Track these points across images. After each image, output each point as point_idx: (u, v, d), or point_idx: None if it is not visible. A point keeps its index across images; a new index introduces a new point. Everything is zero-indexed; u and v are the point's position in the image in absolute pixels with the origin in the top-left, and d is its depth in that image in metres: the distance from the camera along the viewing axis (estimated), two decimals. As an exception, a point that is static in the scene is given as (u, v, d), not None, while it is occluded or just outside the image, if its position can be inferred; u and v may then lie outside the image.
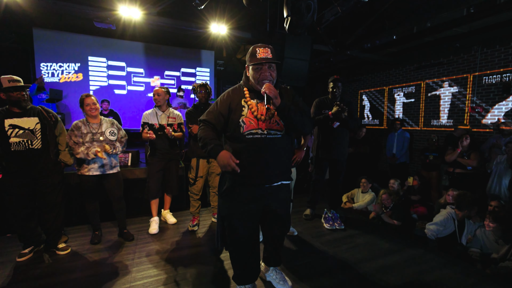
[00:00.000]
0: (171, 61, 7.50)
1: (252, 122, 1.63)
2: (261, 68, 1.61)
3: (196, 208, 3.06)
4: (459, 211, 3.15)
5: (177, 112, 3.16)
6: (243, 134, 1.63)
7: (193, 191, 3.00)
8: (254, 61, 1.60)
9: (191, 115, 2.99)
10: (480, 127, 5.32)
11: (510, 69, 4.85)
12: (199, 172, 2.95)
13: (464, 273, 2.25)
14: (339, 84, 3.06)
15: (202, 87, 3.01)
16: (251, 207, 1.70)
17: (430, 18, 4.32)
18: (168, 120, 3.03)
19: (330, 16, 3.82)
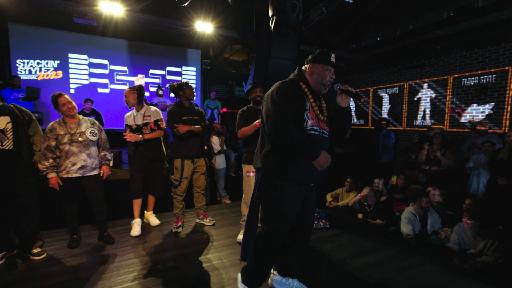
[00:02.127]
0: (156, 60, 7.36)
1: (314, 119, 1.63)
2: (331, 71, 1.67)
3: (180, 210, 2.99)
4: (414, 205, 3.28)
5: (154, 108, 2.99)
6: (306, 128, 1.60)
7: (177, 192, 2.93)
8: (328, 61, 1.66)
9: (174, 114, 2.85)
10: (459, 127, 5.51)
11: (487, 71, 5.04)
12: (184, 173, 2.87)
13: (443, 268, 2.30)
14: None
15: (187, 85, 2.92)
16: (296, 207, 1.70)
17: (413, 21, 4.44)
18: (143, 119, 2.91)
19: (315, 17, 3.85)
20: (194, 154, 2.90)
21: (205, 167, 3.05)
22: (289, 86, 1.63)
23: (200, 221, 3.19)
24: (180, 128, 2.75)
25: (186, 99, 2.92)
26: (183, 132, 2.76)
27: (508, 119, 4.78)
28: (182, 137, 2.81)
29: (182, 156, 2.86)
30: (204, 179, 3.07)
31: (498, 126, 4.90)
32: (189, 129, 2.79)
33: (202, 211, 3.19)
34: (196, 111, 2.97)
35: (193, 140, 2.89)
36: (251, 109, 2.83)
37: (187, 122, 2.83)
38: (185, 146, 2.86)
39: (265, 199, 1.68)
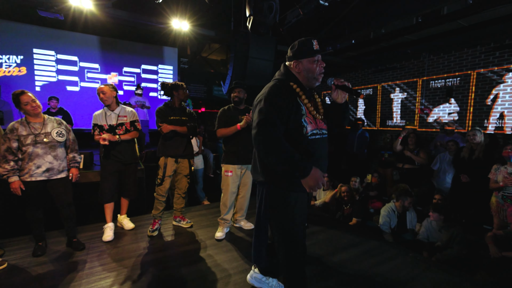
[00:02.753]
0: (130, 57, 7.09)
1: (312, 122, 1.50)
2: (318, 60, 1.51)
3: (160, 212, 2.89)
4: (396, 202, 3.43)
5: (130, 109, 2.92)
6: (306, 135, 1.47)
7: (159, 192, 2.86)
8: (312, 52, 1.47)
9: (162, 113, 2.81)
10: (428, 127, 5.83)
11: (452, 74, 5.37)
12: (167, 171, 2.82)
13: (413, 262, 2.41)
14: None
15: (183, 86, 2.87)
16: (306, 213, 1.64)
17: (385, 25, 4.62)
18: (118, 119, 2.81)
19: (292, 18, 3.90)
20: (178, 154, 2.86)
21: (188, 169, 2.99)
22: (280, 91, 1.46)
23: (177, 223, 3.12)
24: (163, 128, 2.72)
25: (179, 100, 2.87)
26: (166, 131, 2.72)
27: (471, 119, 5.13)
28: (166, 136, 2.78)
29: (166, 154, 2.83)
30: (186, 181, 3.00)
31: (462, 126, 5.24)
32: (172, 129, 2.75)
33: (180, 213, 3.12)
34: (186, 112, 2.93)
35: (179, 140, 2.86)
36: (232, 109, 2.85)
37: (173, 122, 2.80)
38: (170, 145, 2.83)
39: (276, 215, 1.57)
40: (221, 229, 2.84)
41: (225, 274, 2.16)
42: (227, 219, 2.86)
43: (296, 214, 1.53)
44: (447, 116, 5.48)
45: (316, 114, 1.53)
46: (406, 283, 2.10)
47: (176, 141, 2.84)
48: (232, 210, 2.90)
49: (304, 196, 1.59)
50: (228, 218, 2.86)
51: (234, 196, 2.89)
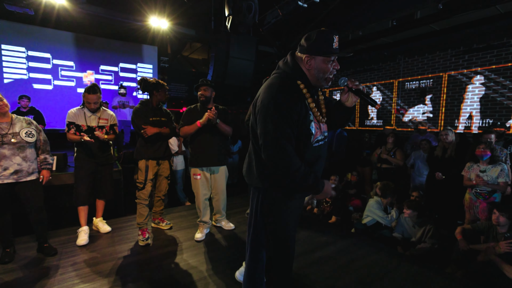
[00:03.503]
0: (107, 55, 6.86)
1: (318, 128, 1.36)
2: (333, 61, 1.30)
3: (145, 218, 2.69)
4: (384, 199, 3.54)
5: (110, 112, 2.87)
6: (312, 142, 1.34)
7: (142, 196, 2.69)
8: (331, 51, 1.25)
9: (141, 114, 2.63)
10: (403, 126, 6.06)
11: (425, 76, 5.62)
12: (149, 175, 2.68)
13: (388, 257, 2.50)
14: None
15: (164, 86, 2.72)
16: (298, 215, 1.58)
17: (362, 28, 4.76)
18: (98, 122, 2.73)
19: (271, 19, 3.93)
20: (159, 156, 2.75)
21: (169, 170, 2.91)
22: (290, 93, 1.27)
23: (156, 225, 3.05)
24: (148, 131, 2.57)
25: (157, 101, 2.73)
26: (151, 134, 2.59)
27: (443, 119, 5.38)
28: (149, 138, 2.64)
29: (147, 157, 2.69)
30: (167, 183, 2.92)
31: (435, 125, 5.49)
32: (157, 131, 2.62)
33: (159, 215, 3.05)
34: (163, 112, 2.81)
35: (160, 141, 2.75)
36: (199, 108, 2.73)
37: (154, 123, 2.67)
38: (151, 147, 2.70)
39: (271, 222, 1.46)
40: (201, 230, 2.81)
41: (204, 275, 2.15)
42: (205, 221, 2.82)
43: (291, 220, 1.48)
44: (421, 116, 5.73)
45: (320, 118, 1.38)
46: (381, 278, 2.17)
47: (157, 142, 2.72)
48: (208, 211, 2.85)
49: (301, 201, 1.58)
50: (206, 220, 2.83)
51: (207, 198, 2.82)
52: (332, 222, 3.83)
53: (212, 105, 2.74)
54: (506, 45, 4.55)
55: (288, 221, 1.47)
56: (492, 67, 4.71)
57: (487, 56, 4.78)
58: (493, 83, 4.72)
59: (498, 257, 2.34)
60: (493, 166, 3.21)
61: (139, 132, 2.63)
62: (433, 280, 2.15)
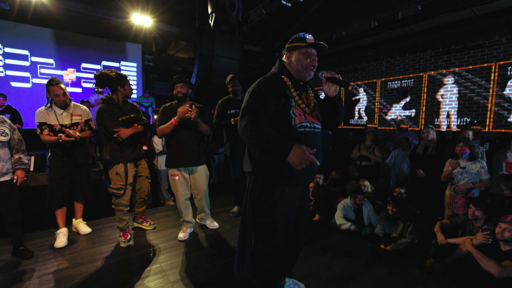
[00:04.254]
0: (89, 53, 6.68)
1: (301, 115, 1.50)
2: (309, 54, 1.50)
3: (127, 222, 2.60)
4: (351, 199, 3.61)
5: (83, 107, 2.71)
6: (295, 127, 1.47)
7: (122, 203, 2.52)
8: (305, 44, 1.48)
9: (109, 114, 2.39)
10: (386, 125, 6.20)
11: (407, 76, 5.77)
12: (129, 179, 2.53)
13: (369, 253, 2.56)
14: (237, 81, 3.12)
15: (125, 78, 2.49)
16: (292, 210, 1.61)
17: (345, 28, 4.84)
18: (72, 119, 2.59)
19: (255, 17, 3.93)
20: (136, 157, 2.61)
21: (148, 169, 2.81)
22: (269, 82, 1.49)
23: (139, 225, 2.98)
24: (122, 134, 2.38)
25: (123, 96, 2.52)
26: (126, 137, 2.40)
27: (424, 118, 5.55)
28: (124, 141, 2.44)
29: (125, 160, 2.50)
30: (147, 183, 2.82)
31: (416, 124, 5.65)
32: (132, 133, 2.45)
33: (142, 215, 2.99)
34: (130, 107, 2.62)
35: (135, 140, 2.59)
36: (175, 106, 2.62)
37: (126, 123, 2.48)
38: (127, 149, 2.51)
39: (258, 206, 1.56)
40: (184, 230, 2.77)
41: (184, 275, 2.12)
42: (188, 221, 2.79)
43: (278, 208, 1.53)
44: (403, 115, 5.88)
45: (305, 107, 1.53)
46: (362, 273, 2.21)
47: (132, 143, 2.55)
48: (190, 211, 2.80)
49: (292, 192, 1.58)
50: (189, 219, 2.79)
51: (187, 198, 2.76)
52: (316, 220, 3.87)
53: (189, 102, 2.63)
54: (482, 46, 4.74)
55: (276, 210, 1.53)
56: (469, 67, 4.89)
57: (464, 57, 4.96)
58: (470, 82, 4.90)
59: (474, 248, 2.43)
60: (472, 162, 3.32)
61: (110, 136, 2.41)
62: (412, 273, 2.21)
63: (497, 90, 4.60)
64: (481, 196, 3.45)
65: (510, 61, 4.45)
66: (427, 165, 3.98)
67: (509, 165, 3.56)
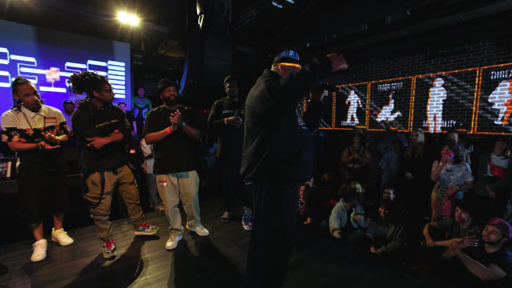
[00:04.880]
0: (74, 51, 6.43)
1: (299, 116, 1.64)
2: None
3: (108, 232, 2.47)
4: (345, 203, 3.60)
5: (55, 109, 2.52)
6: (300, 125, 1.62)
7: (99, 212, 2.38)
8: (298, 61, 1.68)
9: (84, 121, 2.22)
10: (376, 127, 6.26)
11: (396, 79, 5.83)
12: (106, 188, 2.38)
13: (360, 258, 2.53)
14: (234, 82, 3.07)
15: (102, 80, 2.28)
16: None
17: (336, 31, 4.83)
18: (45, 122, 2.39)
19: (246, 19, 3.87)
20: (115, 164, 2.44)
21: (131, 175, 2.64)
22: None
23: (141, 232, 2.81)
24: (96, 143, 2.22)
25: (101, 102, 2.33)
26: (100, 146, 2.24)
27: (412, 120, 5.62)
28: (101, 149, 2.29)
29: (101, 168, 2.35)
30: (134, 188, 2.67)
31: (405, 126, 5.71)
32: (108, 142, 2.29)
33: (141, 222, 2.82)
34: (112, 111, 2.44)
35: (113, 148, 2.41)
36: (164, 110, 2.53)
37: (103, 130, 2.31)
38: (104, 157, 2.35)
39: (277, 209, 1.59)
40: (172, 238, 2.67)
41: (176, 287, 2.04)
42: (176, 229, 2.69)
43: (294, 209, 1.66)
44: (392, 117, 5.94)
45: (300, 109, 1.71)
46: (353, 279, 2.18)
47: (111, 150, 2.38)
48: (178, 218, 2.71)
49: (297, 190, 1.69)
50: (178, 227, 2.70)
51: (176, 205, 2.66)
52: (307, 224, 3.84)
53: (177, 106, 2.57)
54: (467, 51, 4.83)
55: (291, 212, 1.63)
56: (455, 71, 4.99)
57: (450, 61, 5.05)
58: (455, 86, 5.00)
59: (462, 252, 2.45)
60: (458, 166, 3.37)
61: (85, 144, 2.26)
62: (402, 278, 2.20)
63: (481, 94, 4.71)
64: (465, 197, 3.51)
65: (494, 66, 4.56)
66: (415, 168, 4.03)
67: (493, 167, 3.64)
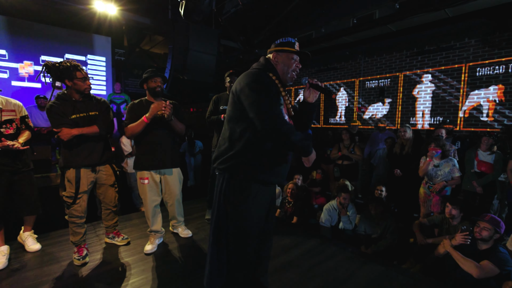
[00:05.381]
0: (50, 44, 6.08)
1: (286, 114, 1.51)
2: (295, 60, 1.53)
3: (82, 236, 2.27)
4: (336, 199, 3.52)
5: (15, 101, 2.30)
6: None
7: (74, 214, 2.19)
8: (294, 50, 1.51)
9: (56, 111, 2.07)
10: (365, 124, 6.23)
11: (384, 76, 5.82)
12: (82, 187, 2.19)
13: (351, 257, 2.44)
14: (235, 78, 2.97)
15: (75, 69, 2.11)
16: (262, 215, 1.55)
17: (325, 25, 4.75)
18: (2, 115, 2.16)
19: (230, 8, 3.71)
20: (94, 161, 2.24)
21: (113, 176, 2.41)
22: (263, 76, 1.45)
23: (111, 240, 2.58)
24: (62, 134, 2.03)
25: (78, 92, 2.16)
26: (68, 138, 2.05)
27: (400, 117, 5.62)
28: (72, 143, 2.11)
29: (76, 164, 2.16)
30: (113, 192, 2.45)
31: (393, 123, 5.71)
32: (77, 133, 2.08)
33: (113, 229, 2.59)
34: (93, 104, 2.26)
35: (92, 144, 2.22)
36: (146, 103, 2.37)
37: (78, 122, 2.14)
38: (81, 152, 2.17)
39: (234, 207, 1.46)
40: (152, 241, 2.48)
41: (153, 294, 1.88)
42: (156, 230, 2.51)
43: (254, 209, 1.48)
44: (380, 114, 5.93)
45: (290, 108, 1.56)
46: (344, 281, 2.08)
47: (88, 145, 2.21)
48: (159, 219, 2.53)
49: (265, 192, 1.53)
50: (157, 228, 2.51)
51: (157, 204, 2.49)
52: (294, 223, 3.73)
53: (161, 98, 2.40)
54: (453, 48, 4.86)
55: (252, 211, 1.47)
56: (442, 68, 5.01)
57: (437, 58, 5.07)
58: (442, 83, 5.02)
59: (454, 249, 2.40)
60: (445, 161, 3.35)
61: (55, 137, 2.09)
62: (394, 278, 2.12)
63: (467, 90, 4.74)
64: (453, 193, 3.51)
65: (479, 62, 4.59)
66: (404, 164, 3.99)
67: (480, 163, 3.65)
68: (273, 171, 1.49)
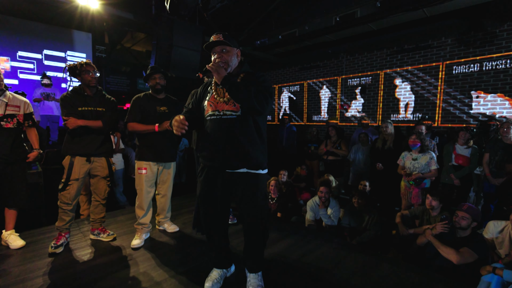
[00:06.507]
0: (28, 40, 5.86)
1: (212, 105, 1.67)
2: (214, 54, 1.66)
3: (66, 223, 2.33)
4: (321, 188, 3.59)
5: (23, 99, 2.39)
6: (205, 116, 1.72)
7: (63, 199, 2.29)
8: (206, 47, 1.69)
9: (67, 102, 2.27)
10: (347, 121, 6.39)
11: (365, 74, 5.99)
12: (74, 174, 2.28)
13: (336, 248, 2.51)
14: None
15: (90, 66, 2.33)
16: (216, 192, 1.71)
17: (308, 23, 4.83)
18: (6, 109, 2.23)
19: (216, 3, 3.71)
20: (90, 151, 2.35)
21: (107, 169, 2.48)
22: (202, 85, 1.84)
23: (96, 237, 2.54)
24: (69, 123, 2.20)
25: (86, 86, 2.34)
26: (74, 127, 2.22)
27: (381, 114, 5.80)
28: (75, 132, 2.29)
29: (72, 152, 2.31)
30: (105, 184, 2.50)
31: (374, 120, 5.89)
32: (82, 124, 2.25)
33: (99, 225, 2.56)
34: (103, 101, 2.43)
35: (92, 136, 2.36)
36: (149, 97, 2.48)
37: (85, 114, 2.30)
38: (80, 142, 2.32)
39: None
40: (139, 236, 2.46)
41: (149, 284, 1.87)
42: (144, 223, 2.50)
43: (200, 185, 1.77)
44: (361, 111, 6.11)
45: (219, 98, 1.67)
46: (331, 270, 2.14)
47: (88, 137, 2.35)
48: (150, 212, 2.54)
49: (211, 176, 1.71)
50: (146, 222, 2.51)
51: (151, 196, 2.54)
52: (279, 217, 3.78)
53: (164, 94, 2.55)
54: (431, 46, 5.07)
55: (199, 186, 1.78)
56: (420, 66, 5.22)
57: (415, 56, 5.27)
58: (421, 80, 5.23)
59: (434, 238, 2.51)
60: (423, 154, 3.51)
61: (64, 124, 2.26)
62: (379, 266, 2.20)
63: (444, 88, 4.96)
64: (432, 186, 3.65)
65: (455, 61, 4.82)
66: (386, 158, 4.14)
67: (458, 156, 3.83)
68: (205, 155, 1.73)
